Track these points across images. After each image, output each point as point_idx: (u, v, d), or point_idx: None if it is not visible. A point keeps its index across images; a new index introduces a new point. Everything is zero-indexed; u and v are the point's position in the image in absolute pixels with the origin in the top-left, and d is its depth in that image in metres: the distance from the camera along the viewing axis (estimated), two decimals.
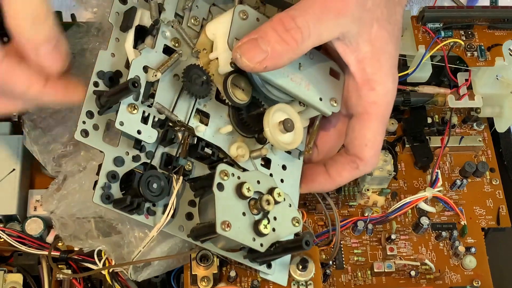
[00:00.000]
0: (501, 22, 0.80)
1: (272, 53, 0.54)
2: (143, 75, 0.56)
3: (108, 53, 0.57)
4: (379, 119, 0.61)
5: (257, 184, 0.58)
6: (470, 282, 0.73)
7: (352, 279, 0.73)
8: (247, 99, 0.60)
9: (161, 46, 0.58)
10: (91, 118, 0.55)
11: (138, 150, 0.57)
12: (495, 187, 0.78)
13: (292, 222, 0.59)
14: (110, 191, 0.55)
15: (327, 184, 0.65)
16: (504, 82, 0.74)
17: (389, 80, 0.60)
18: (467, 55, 0.79)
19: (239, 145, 0.61)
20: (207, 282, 0.62)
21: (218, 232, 0.54)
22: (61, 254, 0.67)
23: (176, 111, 0.58)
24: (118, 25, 0.57)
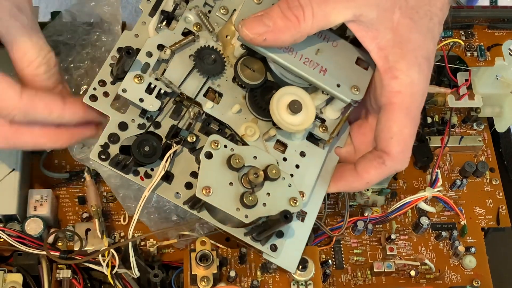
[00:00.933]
0: (501, 22, 0.80)
1: (273, 27, 0.56)
2: (157, 52, 0.61)
3: (132, 33, 0.62)
4: (404, 110, 0.58)
5: (252, 159, 0.59)
6: (470, 282, 0.73)
7: (352, 279, 0.73)
8: (258, 81, 0.61)
9: (181, 29, 0.62)
10: (103, 86, 0.60)
11: (146, 119, 0.60)
12: (495, 187, 0.78)
13: (289, 201, 0.59)
14: (108, 150, 0.59)
15: (354, 181, 0.63)
16: (504, 82, 0.74)
17: (414, 69, 0.58)
18: (467, 55, 0.79)
19: (249, 125, 0.62)
20: (206, 282, 0.62)
21: (197, 195, 0.57)
22: (61, 254, 0.67)
23: (186, 87, 0.61)
24: (147, 12, 0.62)
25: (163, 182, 0.60)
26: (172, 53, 0.61)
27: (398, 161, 0.60)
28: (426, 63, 0.59)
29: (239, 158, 0.59)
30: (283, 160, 0.62)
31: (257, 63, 0.62)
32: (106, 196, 0.74)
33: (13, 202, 0.68)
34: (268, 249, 0.61)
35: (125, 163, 0.58)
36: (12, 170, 0.70)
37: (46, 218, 0.69)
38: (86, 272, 0.69)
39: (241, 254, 0.65)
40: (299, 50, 0.60)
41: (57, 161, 0.76)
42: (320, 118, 0.64)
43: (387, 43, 0.58)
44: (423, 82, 0.59)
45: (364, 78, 0.61)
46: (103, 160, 0.58)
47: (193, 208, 0.60)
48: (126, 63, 0.59)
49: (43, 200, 0.70)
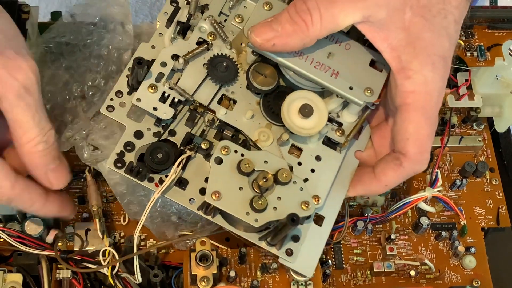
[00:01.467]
0: (501, 22, 0.80)
1: (282, 32, 0.57)
2: (171, 62, 0.62)
3: (149, 45, 0.63)
4: (420, 110, 0.58)
5: (263, 163, 0.60)
6: (470, 282, 0.73)
7: (351, 279, 0.73)
8: (270, 86, 0.62)
9: (195, 38, 0.63)
10: (120, 97, 0.62)
11: (161, 128, 0.62)
12: (495, 187, 0.78)
13: (300, 205, 0.59)
14: (124, 158, 0.60)
15: (372, 184, 0.62)
16: (503, 82, 0.74)
17: (427, 68, 0.57)
18: (466, 55, 0.79)
19: (263, 131, 0.62)
20: (206, 282, 0.62)
21: (206, 200, 0.58)
22: (61, 254, 0.67)
23: (199, 95, 0.62)
24: (164, 23, 0.64)
25: (176, 188, 0.60)
26: (186, 62, 0.62)
27: (416, 162, 0.59)
28: (441, 62, 0.58)
29: (249, 163, 0.59)
30: (298, 164, 0.62)
31: (269, 68, 0.62)
32: (106, 196, 0.74)
33: None
34: (283, 253, 0.61)
35: (139, 170, 0.59)
36: None
37: (46, 218, 0.69)
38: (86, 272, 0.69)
39: (241, 254, 0.65)
40: (310, 54, 0.60)
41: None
42: (337, 122, 0.64)
43: (399, 43, 0.57)
44: (439, 81, 0.58)
45: (378, 80, 0.61)
46: (118, 168, 0.59)
47: (207, 213, 0.60)
48: (139, 73, 0.60)
49: None
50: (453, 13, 0.59)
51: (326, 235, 0.63)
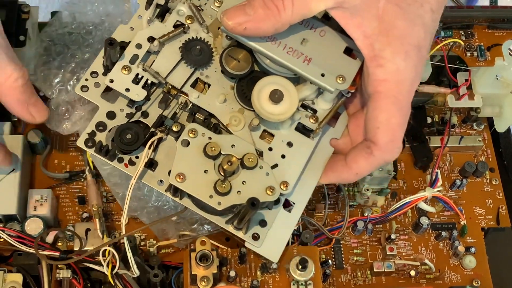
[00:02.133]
0: (500, 22, 0.80)
1: (254, 16, 0.57)
2: (147, 44, 0.62)
3: (127, 27, 0.64)
4: (391, 99, 0.57)
5: (230, 147, 0.60)
6: (470, 282, 0.73)
7: (352, 279, 0.73)
8: (243, 71, 0.62)
9: (173, 21, 0.64)
10: (95, 77, 0.62)
11: (134, 109, 0.62)
12: (495, 187, 0.78)
13: (265, 190, 0.59)
14: (94, 138, 0.60)
15: (344, 172, 0.61)
16: (503, 82, 0.74)
17: (400, 57, 0.57)
18: (467, 55, 0.79)
19: (234, 115, 0.62)
20: (206, 282, 0.62)
21: (170, 182, 0.58)
22: (61, 254, 0.67)
23: (173, 78, 0.62)
24: (143, 6, 0.64)
25: (147, 170, 0.61)
26: (161, 44, 0.62)
27: (386, 151, 0.59)
28: (415, 51, 0.57)
29: (215, 146, 0.59)
30: (269, 150, 0.62)
31: (242, 53, 0.62)
32: (106, 196, 0.74)
33: (13, 202, 0.68)
34: (250, 237, 0.61)
35: (108, 149, 0.60)
36: (12, 170, 0.70)
37: (46, 218, 0.69)
38: (86, 272, 0.69)
39: (241, 254, 0.65)
40: (283, 39, 0.60)
41: (57, 161, 0.76)
42: (312, 109, 0.64)
43: (372, 31, 0.57)
44: (411, 70, 0.57)
45: (351, 67, 0.61)
46: (89, 148, 0.60)
47: (174, 195, 0.61)
48: (112, 54, 0.60)
49: (43, 200, 0.70)
50: (429, 2, 0.58)
51: (295, 221, 0.63)
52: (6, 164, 0.68)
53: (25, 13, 0.73)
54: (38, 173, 0.75)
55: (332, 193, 0.76)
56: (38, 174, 0.75)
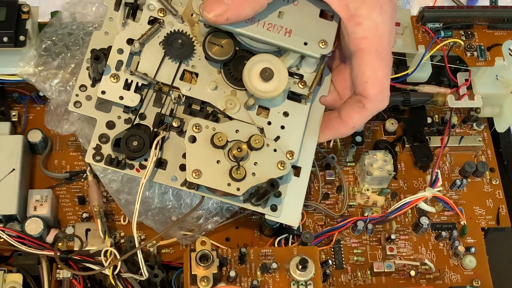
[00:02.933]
0: (501, 22, 0.80)
1: (232, 4, 0.58)
2: (127, 47, 0.62)
3: (102, 32, 0.64)
4: (374, 53, 0.60)
5: (235, 133, 0.62)
6: (470, 282, 0.73)
7: (352, 279, 0.73)
8: (228, 55, 0.63)
9: (146, 18, 0.64)
10: (84, 91, 0.62)
11: (131, 113, 0.63)
12: (495, 187, 0.78)
13: (277, 165, 0.62)
14: (101, 151, 0.61)
15: (340, 128, 0.64)
16: (504, 82, 0.74)
17: (375, 12, 0.59)
18: (467, 55, 0.79)
19: (229, 98, 0.63)
20: (206, 282, 0.62)
21: (188, 179, 0.60)
22: (61, 254, 0.67)
23: (162, 75, 0.63)
24: (112, 7, 0.64)
25: (157, 169, 0.62)
26: (141, 44, 0.63)
27: (377, 102, 0.62)
28: (388, 3, 0.60)
29: (222, 136, 0.61)
30: (268, 124, 0.64)
31: (224, 37, 0.63)
32: (106, 196, 0.74)
33: (13, 202, 0.68)
34: (269, 210, 0.63)
35: (119, 160, 0.60)
36: (12, 170, 0.70)
37: (46, 218, 0.69)
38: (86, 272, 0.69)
39: (241, 254, 0.64)
40: (261, 17, 0.61)
41: (57, 161, 0.76)
42: (298, 74, 0.65)
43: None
44: (388, 22, 0.60)
45: (330, 30, 0.63)
46: (98, 162, 0.61)
47: (190, 187, 0.62)
48: (99, 66, 0.61)
49: (43, 200, 0.70)
50: None
51: (305, 184, 0.65)
52: None
53: (25, 13, 0.73)
54: (38, 173, 0.75)
55: (332, 193, 0.76)
56: (38, 174, 0.75)
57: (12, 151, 0.70)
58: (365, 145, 0.79)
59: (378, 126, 0.81)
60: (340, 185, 0.76)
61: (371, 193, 0.75)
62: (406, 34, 0.78)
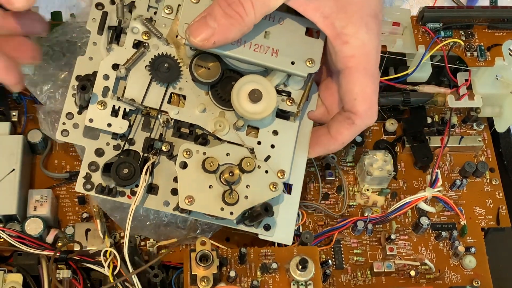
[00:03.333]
0: (501, 22, 0.80)
1: (219, 28, 0.57)
2: (113, 72, 0.62)
3: (86, 58, 0.62)
4: (362, 71, 0.60)
5: (226, 156, 0.61)
6: (470, 282, 0.73)
7: (352, 279, 0.73)
8: (215, 77, 0.62)
9: (131, 42, 0.63)
10: (71, 119, 0.62)
11: (119, 140, 0.62)
12: (495, 187, 0.78)
13: (269, 187, 0.62)
14: (91, 179, 0.61)
15: (330, 144, 0.65)
16: (504, 82, 0.74)
17: (362, 30, 0.59)
18: (467, 55, 0.79)
19: (218, 120, 0.63)
20: (206, 282, 0.62)
21: (180, 206, 0.60)
22: (61, 254, 0.66)
23: (149, 99, 0.62)
24: (95, 31, 0.62)
25: (149, 195, 0.62)
26: (127, 69, 0.62)
27: (366, 118, 0.62)
28: (374, 21, 0.60)
29: (213, 160, 0.61)
30: (258, 144, 0.64)
31: (210, 59, 0.62)
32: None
33: (13, 202, 0.68)
34: (262, 230, 0.63)
35: (109, 188, 0.60)
36: (12, 170, 0.70)
37: (46, 218, 0.69)
38: (86, 272, 0.69)
39: (241, 254, 0.64)
40: (248, 39, 0.61)
41: (57, 161, 0.76)
42: (286, 92, 0.65)
43: (330, 10, 0.59)
44: (374, 40, 0.60)
45: (316, 48, 0.63)
46: (88, 190, 0.61)
47: (183, 212, 0.62)
48: (86, 95, 0.60)
49: (43, 200, 0.70)
50: None
51: (297, 201, 0.65)
52: (8, 81, 0.61)
53: None
54: (38, 173, 0.75)
55: (332, 193, 0.76)
56: (38, 174, 0.75)
57: (12, 151, 0.70)
58: (365, 145, 0.79)
59: (378, 126, 0.81)
60: (340, 185, 0.76)
61: (371, 193, 0.75)
62: (406, 34, 0.78)
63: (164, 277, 0.66)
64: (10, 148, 0.71)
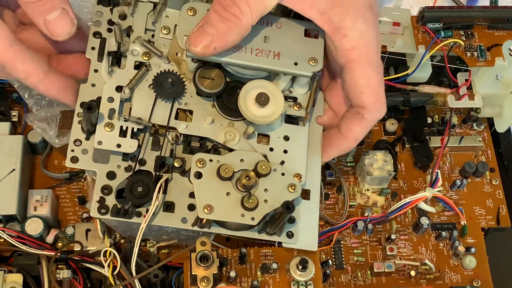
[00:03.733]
0: (501, 22, 0.80)
1: (217, 33, 0.57)
2: (117, 94, 0.61)
3: (89, 85, 0.62)
4: (365, 62, 0.60)
5: (240, 162, 0.61)
6: (470, 282, 0.73)
7: (352, 279, 0.73)
8: (219, 87, 0.62)
9: (132, 64, 0.63)
10: (79, 145, 0.61)
11: (130, 161, 0.61)
12: (495, 187, 0.78)
13: (288, 189, 0.61)
14: (105, 203, 0.60)
15: (343, 143, 0.64)
16: (504, 82, 0.74)
17: (359, 21, 0.59)
18: (467, 55, 0.79)
19: (228, 130, 0.63)
20: (207, 283, 0.62)
21: (201, 216, 0.59)
22: (61, 254, 0.66)
23: (156, 117, 0.62)
24: (95, 58, 0.62)
25: (165, 213, 0.61)
26: (131, 90, 0.62)
27: (375, 111, 0.61)
28: (370, 11, 0.60)
29: (227, 167, 0.60)
30: (270, 150, 0.63)
31: (213, 70, 0.63)
32: None
33: (13, 202, 0.68)
34: (285, 237, 0.62)
35: (125, 209, 0.59)
36: (12, 170, 0.70)
37: (46, 218, 0.69)
38: (86, 272, 0.69)
39: (241, 254, 0.65)
40: (248, 44, 0.61)
41: (57, 161, 0.76)
42: (292, 97, 0.65)
43: (326, 5, 0.59)
44: (373, 29, 0.60)
45: (318, 47, 0.62)
46: (103, 214, 0.59)
47: (202, 226, 0.61)
48: (92, 117, 0.59)
49: (43, 200, 0.70)
50: None
51: (317, 206, 0.64)
52: (65, 99, 0.62)
53: None
54: (38, 173, 0.75)
55: (332, 193, 0.76)
56: (38, 174, 0.75)
57: (12, 151, 0.70)
58: (365, 145, 0.79)
59: (378, 126, 0.81)
60: (340, 185, 0.76)
61: (371, 193, 0.75)
62: (406, 34, 0.78)
63: (164, 277, 0.66)
64: (10, 148, 0.71)
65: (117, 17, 0.64)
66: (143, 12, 0.64)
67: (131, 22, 0.64)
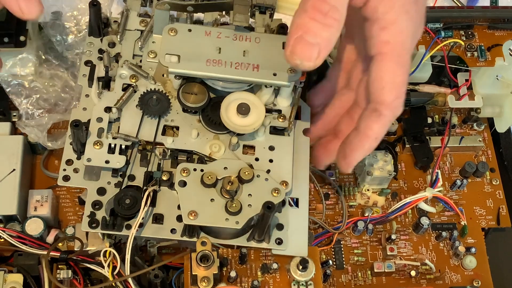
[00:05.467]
0: (501, 22, 0.80)
1: (322, 42, 0.55)
2: (106, 115, 0.65)
3: (80, 109, 0.66)
4: (395, 59, 0.59)
5: (224, 170, 0.63)
6: (470, 282, 0.73)
7: (352, 279, 0.73)
8: (203, 101, 0.65)
9: (120, 86, 0.66)
10: (71, 165, 0.64)
11: (119, 177, 0.64)
12: (495, 187, 0.78)
13: (271, 193, 0.62)
14: (96, 217, 0.62)
15: (365, 144, 0.61)
16: (504, 82, 0.74)
17: (402, 18, 0.58)
18: (467, 55, 0.79)
19: (213, 143, 0.65)
20: (207, 283, 0.62)
21: (185, 222, 0.61)
22: (61, 254, 0.66)
23: (143, 134, 0.65)
24: (86, 84, 0.67)
25: (155, 225, 0.63)
26: (119, 110, 0.65)
27: (394, 108, 0.60)
28: (414, 7, 0.60)
29: (211, 174, 0.62)
30: (256, 160, 0.65)
31: (196, 86, 0.65)
32: None
33: (13, 202, 0.68)
34: (274, 244, 0.63)
35: (114, 222, 0.61)
36: (13, 170, 0.70)
37: (47, 218, 0.69)
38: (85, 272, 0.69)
39: (242, 254, 0.65)
40: (228, 59, 0.64)
41: (57, 161, 0.76)
42: (276, 110, 0.67)
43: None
44: (412, 28, 0.60)
45: None
46: (94, 228, 0.62)
47: (191, 236, 0.62)
48: (80, 136, 0.63)
49: (43, 200, 0.70)
50: None
51: (306, 213, 0.66)
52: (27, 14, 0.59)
53: None
54: (38, 173, 0.75)
55: (332, 194, 0.76)
56: (38, 174, 0.75)
57: (12, 151, 0.70)
58: None
59: None
60: (340, 185, 0.76)
61: (371, 193, 0.75)
62: None
63: (165, 277, 0.66)
64: (11, 148, 0.71)
65: (106, 45, 0.68)
66: (131, 39, 0.69)
67: (119, 49, 0.68)
